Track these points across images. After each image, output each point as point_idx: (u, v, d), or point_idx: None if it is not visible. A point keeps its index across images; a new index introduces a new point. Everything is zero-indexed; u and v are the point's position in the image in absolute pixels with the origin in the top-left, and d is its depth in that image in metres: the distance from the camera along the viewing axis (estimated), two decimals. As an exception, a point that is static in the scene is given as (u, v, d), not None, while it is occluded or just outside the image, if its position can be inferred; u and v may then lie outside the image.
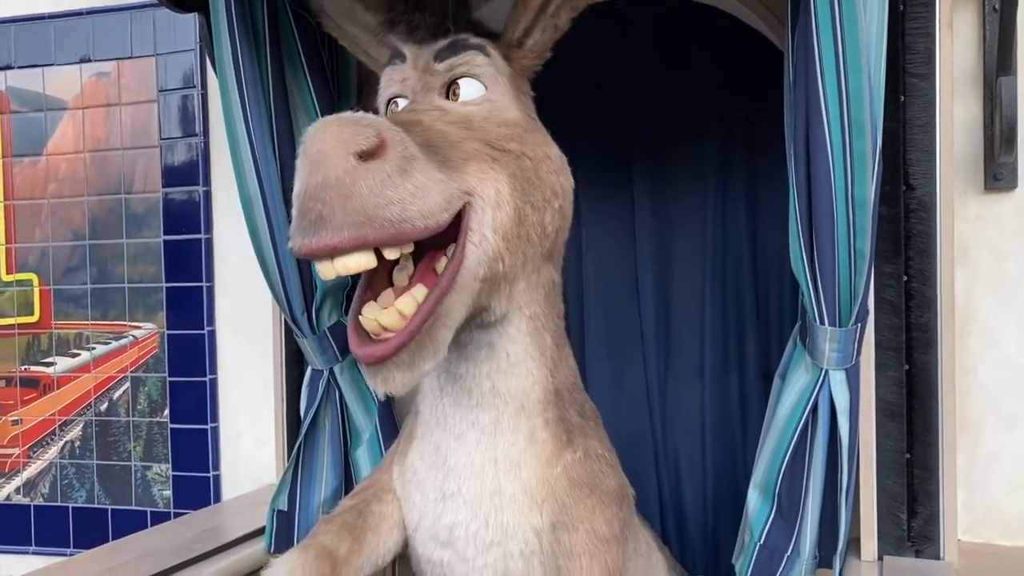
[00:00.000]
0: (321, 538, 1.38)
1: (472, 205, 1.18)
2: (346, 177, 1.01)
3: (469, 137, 1.23)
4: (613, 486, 1.40)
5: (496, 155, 1.23)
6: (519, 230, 1.24)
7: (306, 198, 1.03)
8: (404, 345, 1.10)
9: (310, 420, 1.79)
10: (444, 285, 1.14)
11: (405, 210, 1.05)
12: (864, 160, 1.28)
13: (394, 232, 1.05)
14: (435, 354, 1.14)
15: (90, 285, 2.43)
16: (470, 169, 1.18)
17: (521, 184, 1.24)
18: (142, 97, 2.36)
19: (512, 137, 1.27)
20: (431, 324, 1.13)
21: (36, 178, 2.47)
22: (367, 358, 1.11)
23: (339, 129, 1.03)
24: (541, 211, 1.27)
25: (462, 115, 1.28)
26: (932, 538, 1.49)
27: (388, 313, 1.13)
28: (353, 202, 1.02)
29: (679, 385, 2.09)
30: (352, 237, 1.03)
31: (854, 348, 1.41)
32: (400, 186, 1.05)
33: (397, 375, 1.11)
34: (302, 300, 1.76)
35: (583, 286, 2.13)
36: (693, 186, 2.06)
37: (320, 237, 1.03)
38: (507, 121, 1.30)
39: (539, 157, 1.29)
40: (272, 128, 1.69)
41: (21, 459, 2.49)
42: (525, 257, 1.27)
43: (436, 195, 1.09)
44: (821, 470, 1.46)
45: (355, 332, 1.15)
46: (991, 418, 1.62)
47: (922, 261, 1.48)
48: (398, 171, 1.05)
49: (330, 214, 1.02)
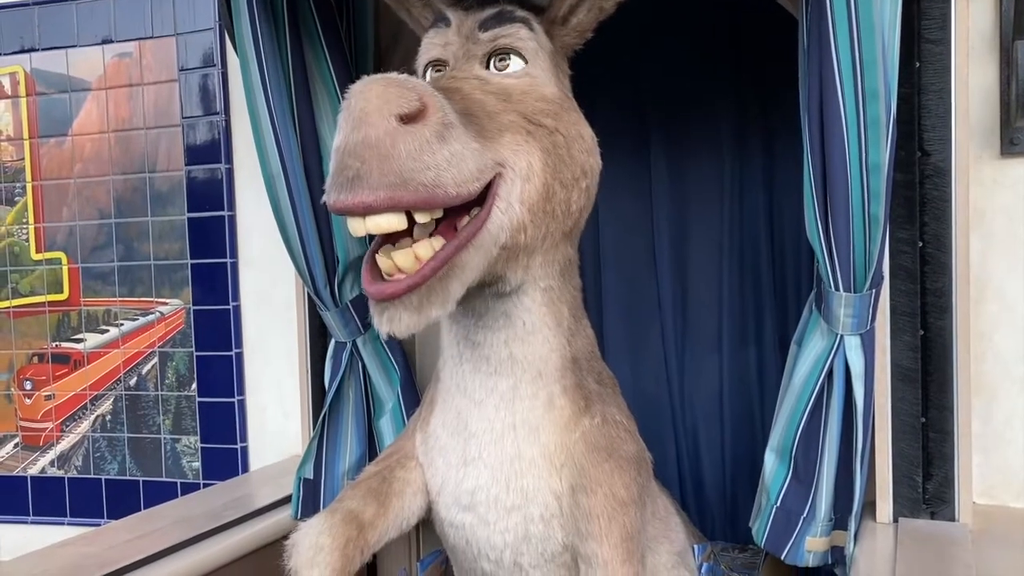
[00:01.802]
0: (347, 503, 1.42)
1: (503, 175, 1.19)
2: (386, 138, 1.03)
3: (506, 109, 1.24)
4: (631, 451, 1.43)
5: (531, 128, 1.24)
6: (546, 205, 1.25)
7: (345, 154, 1.05)
8: (415, 287, 1.11)
9: (334, 391, 1.83)
10: (463, 238, 1.16)
11: (440, 176, 1.07)
12: (878, 126, 1.29)
13: (427, 196, 1.07)
14: (444, 303, 1.15)
15: (117, 263, 2.47)
16: (504, 140, 1.20)
17: (553, 160, 1.25)
18: (163, 77, 2.40)
19: (548, 113, 1.28)
20: (444, 273, 1.14)
21: (62, 158, 2.51)
22: (377, 294, 1.12)
23: (384, 89, 1.04)
24: (569, 189, 1.29)
25: (501, 87, 1.29)
26: (947, 500, 1.51)
27: (404, 254, 1.14)
28: (391, 163, 1.03)
29: (697, 353, 2.10)
30: (387, 197, 1.04)
31: (869, 313, 1.42)
32: (437, 152, 1.06)
33: (404, 316, 1.12)
34: (325, 274, 1.80)
35: (601, 256, 2.14)
36: (709, 156, 2.06)
37: (355, 194, 1.05)
38: (545, 97, 1.31)
39: (572, 135, 1.30)
40: (292, 104, 1.71)
41: (55, 433, 2.56)
42: (547, 231, 1.28)
43: (471, 163, 1.11)
44: (837, 434, 1.48)
45: (368, 271, 1.16)
46: (1006, 382, 1.63)
47: (937, 227, 1.49)
48: (436, 137, 1.06)
49: (367, 173, 1.03)
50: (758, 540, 1.55)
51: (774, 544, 1.53)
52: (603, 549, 1.33)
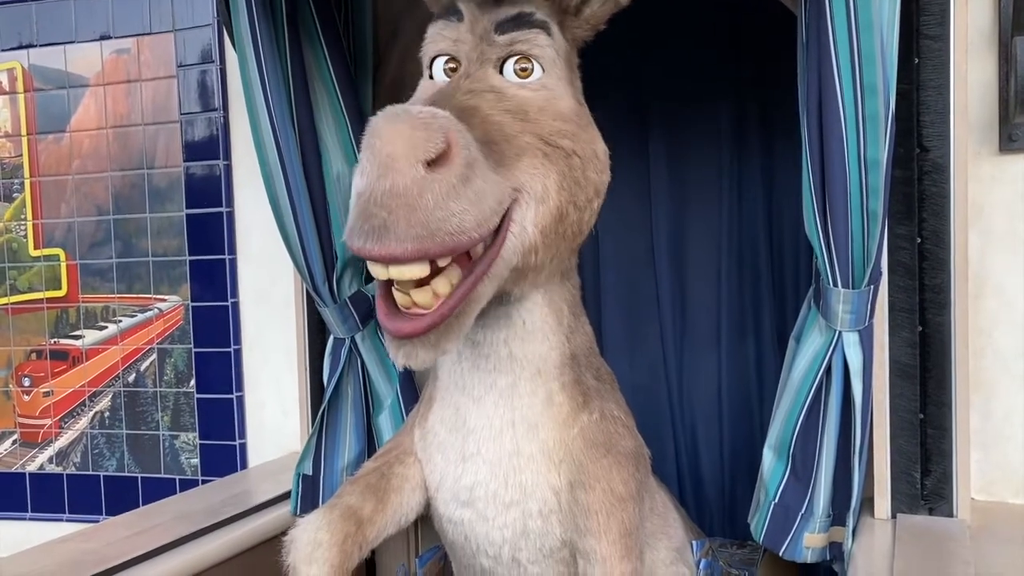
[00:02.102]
0: (346, 499, 1.42)
1: (519, 200, 1.19)
2: (414, 187, 1.00)
3: (524, 130, 1.21)
4: (629, 447, 1.43)
5: (548, 151, 1.22)
6: (558, 227, 1.24)
7: (371, 203, 1.02)
8: (435, 326, 1.11)
9: (333, 388, 1.83)
10: (479, 273, 1.15)
11: (463, 221, 1.05)
12: (876, 121, 1.29)
13: (453, 245, 1.06)
14: (459, 336, 1.16)
15: (115, 259, 2.47)
16: (522, 165, 1.18)
17: (569, 183, 1.24)
18: (161, 73, 2.39)
19: (566, 134, 1.25)
20: (462, 309, 1.14)
21: (60, 155, 2.51)
22: (396, 332, 1.12)
23: (412, 132, 1.01)
24: (582, 211, 1.28)
25: (518, 103, 1.25)
26: (945, 496, 1.51)
27: (423, 292, 1.13)
28: (419, 215, 1.01)
29: (695, 350, 2.10)
30: (415, 250, 1.03)
31: (867, 310, 1.42)
32: (463, 196, 1.05)
33: (421, 353, 1.13)
34: (323, 270, 1.79)
35: (599, 252, 2.14)
36: (708, 152, 2.06)
37: (383, 246, 1.03)
38: (562, 114, 1.28)
39: (588, 156, 1.28)
40: (291, 100, 1.71)
41: (53, 429, 2.56)
42: (557, 251, 1.28)
43: (490, 199, 1.10)
44: (835, 430, 1.48)
45: (384, 302, 1.15)
46: (1005, 378, 1.63)
47: (936, 223, 1.49)
48: (461, 179, 1.04)
49: (394, 224, 1.01)
50: (756, 536, 1.55)
51: (772, 540, 1.53)
52: (602, 545, 1.33)
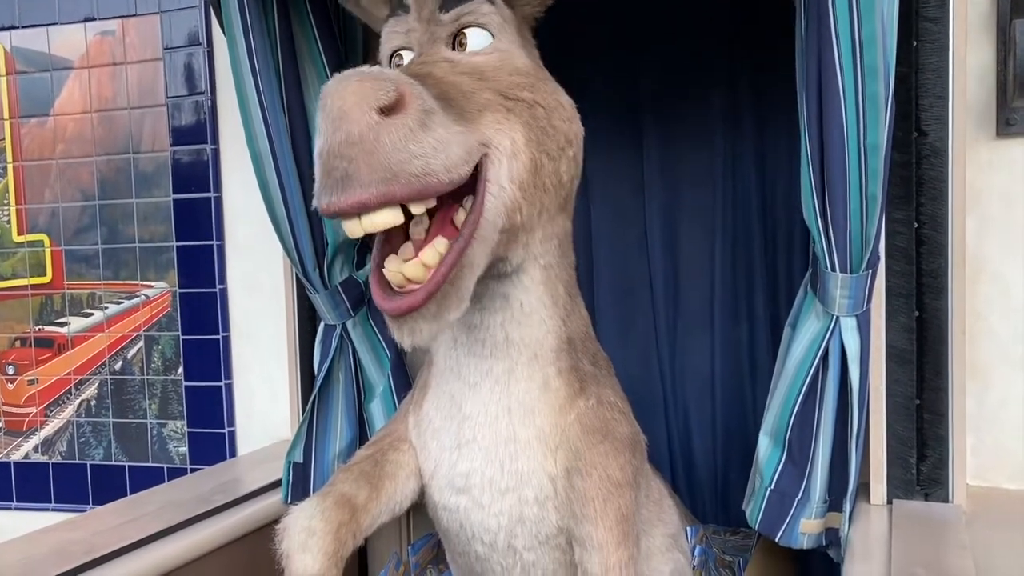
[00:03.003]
0: (339, 486, 1.41)
1: (489, 156, 1.18)
2: (369, 133, 1.01)
3: (482, 87, 1.22)
4: (626, 433, 1.42)
5: (510, 105, 1.22)
6: (535, 179, 1.24)
7: (330, 156, 1.02)
8: (431, 296, 1.10)
9: (324, 375, 1.81)
10: (466, 236, 1.15)
11: (429, 164, 1.04)
12: (877, 104, 1.28)
13: (420, 187, 1.05)
14: (460, 303, 1.15)
15: (101, 245, 2.44)
16: (485, 120, 1.18)
17: (536, 133, 1.24)
18: (147, 55, 2.35)
19: (524, 86, 1.26)
20: (455, 275, 1.13)
21: (44, 139, 2.47)
22: (394, 311, 1.11)
23: (359, 84, 1.02)
24: (556, 160, 1.27)
25: (472, 65, 1.27)
26: (941, 482, 1.51)
27: (412, 265, 1.13)
28: (378, 158, 1.01)
29: (688, 335, 2.09)
30: (380, 193, 1.02)
31: (865, 294, 1.42)
32: (422, 140, 1.04)
33: (424, 326, 1.12)
34: (314, 255, 1.77)
35: (592, 237, 2.12)
36: (702, 135, 2.04)
37: (348, 195, 1.02)
38: (518, 69, 1.29)
39: (551, 105, 1.29)
40: (280, 82, 1.69)
41: (38, 418, 2.52)
42: (542, 206, 1.27)
43: (457, 148, 1.09)
44: (831, 416, 1.47)
45: (379, 285, 1.15)
46: (1001, 364, 1.63)
47: (933, 207, 1.48)
48: (419, 125, 1.04)
49: (356, 171, 1.01)
50: (752, 522, 1.54)
51: (768, 526, 1.52)
52: (598, 531, 1.32)
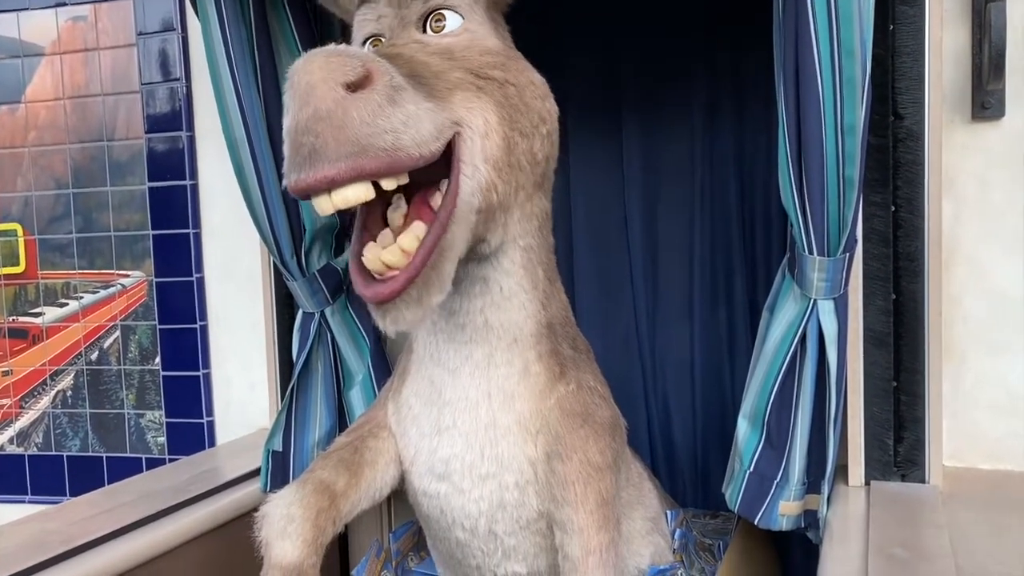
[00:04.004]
0: (318, 473, 1.40)
1: (461, 135, 1.17)
2: (337, 108, 1.00)
3: (452, 67, 1.21)
4: (606, 417, 1.42)
5: (481, 83, 1.22)
6: (509, 158, 1.23)
7: (298, 132, 1.02)
8: (412, 281, 1.10)
9: (302, 363, 1.80)
10: (443, 219, 1.14)
11: (399, 139, 1.04)
12: (854, 85, 1.28)
13: (390, 161, 1.04)
14: (441, 287, 1.15)
15: (75, 234, 2.41)
16: (456, 99, 1.17)
17: (508, 112, 1.23)
18: (121, 41, 2.32)
19: (495, 65, 1.26)
20: (435, 258, 1.13)
21: (15, 126, 2.43)
22: (375, 297, 1.11)
23: (326, 61, 1.02)
24: (530, 138, 1.27)
25: (443, 46, 1.26)
26: (918, 463, 1.52)
27: (391, 251, 1.13)
28: (347, 132, 1.00)
29: (667, 321, 2.10)
30: (349, 167, 1.01)
31: (842, 277, 1.42)
32: (391, 115, 1.03)
33: (406, 312, 1.11)
34: (291, 242, 1.76)
35: (572, 224, 2.12)
36: (681, 122, 2.04)
37: (316, 170, 1.02)
38: (488, 49, 1.28)
39: (523, 83, 1.28)
40: (255, 68, 1.67)
41: (13, 409, 2.49)
42: (517, 184, 1.26)
43: (427, 124, 1.08)
44: (809, 398, 1.48)
45: (359, 273, 1.15)
46: (976, 346, 1.64)
47: (910, 191, 1.48)
48: (388, 100, 1.04)
49: (323, 146, 1.01)
50: (731, 505, 1.55)
51: (747, 509, 1.53)
52: (579, 515, 1.32)
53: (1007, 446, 1.64)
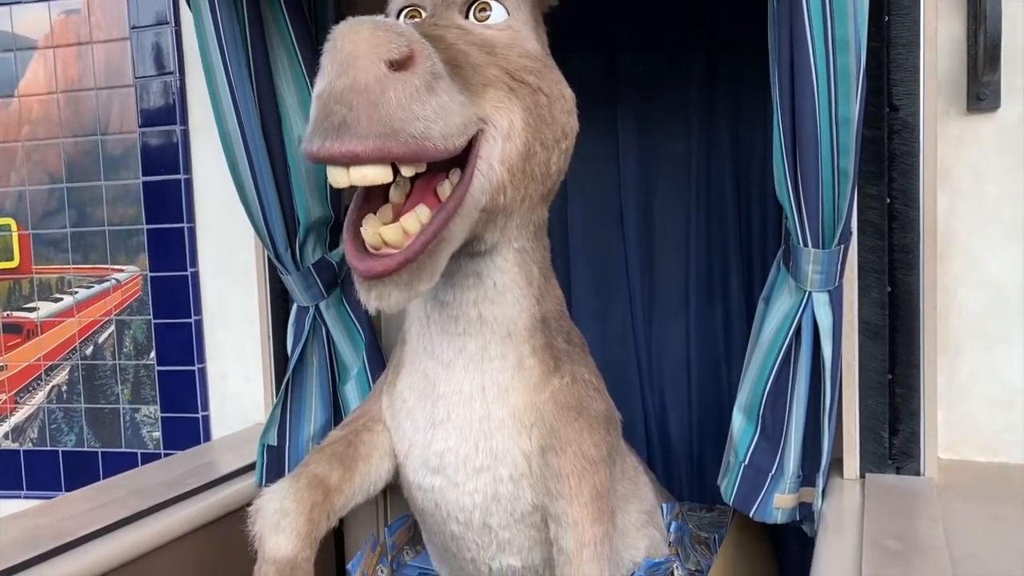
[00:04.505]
0: (312, 467, 1.40)
1: (484, 133, 1.16)
2: (376, 84, 0.99)
3: (490, 62, 1.20)
4: (600, 410, 1.42)
5: (514, 86, 1.20)
6: (525, 166, 1.22)
7: (331, 100, 1.00)
8: (407, 263, 1.09)
9: (297, 357, 1.79)
10: (450, 209, 1.13)
11: (429, 128, 1.03)
12: (848, 78, 1.28)
13: (417, 149, 1.03)
14: (432, 276, 1.14)
15: (70, 229, 2.40)
16: (488, 96, 1.16)
17: (535, 120, 1.22)
18: (114, 35, 2.31)
19: (531, 70, 1.24)
20: (433, 247, 1.12)
21: (8, 120, 2.42)
22: (367, 272, 1.09)
23: (372, 33, 0.99)
24: (549, 150, 1.26)
25: (484, 39, 1.24)
26: (913, 455, 1.52)
27: (392, 229, 1.11)
28: (381, 111, 0.99)
29: (663, 314, 2.09)
30: (376, 148, 1.00)
31: (837, 270, 1.42)
32: (427, 103, 1.02)
33: (394, 293, 1.10)
34: (285, 236, 1.75)
35: (568, 218, 2.11)
36: (677, 117, 2.03)
37: (343, 143, 1.00)
38: (528, 52, 1.27)
39: (555, 95, 1.27)
40: (249, 59, 1.66)
41: (8, 405, 2.49)
42: (526, 193, 1.25)
43: (457, 117, 1.08)
44: (804, 391, 1.48)
45: (353, 244, 1.13)
46: (971, 338, 1.64)
47: (905, 182, 1.48)
48: (426, 86, 1.02)
49: (355, 120, 0.99)
50: (726, 498, 1.55)
51: (742, 502, 1.53)
52: (573, 508, 1.32)
53: (1002, 439, 1.64)
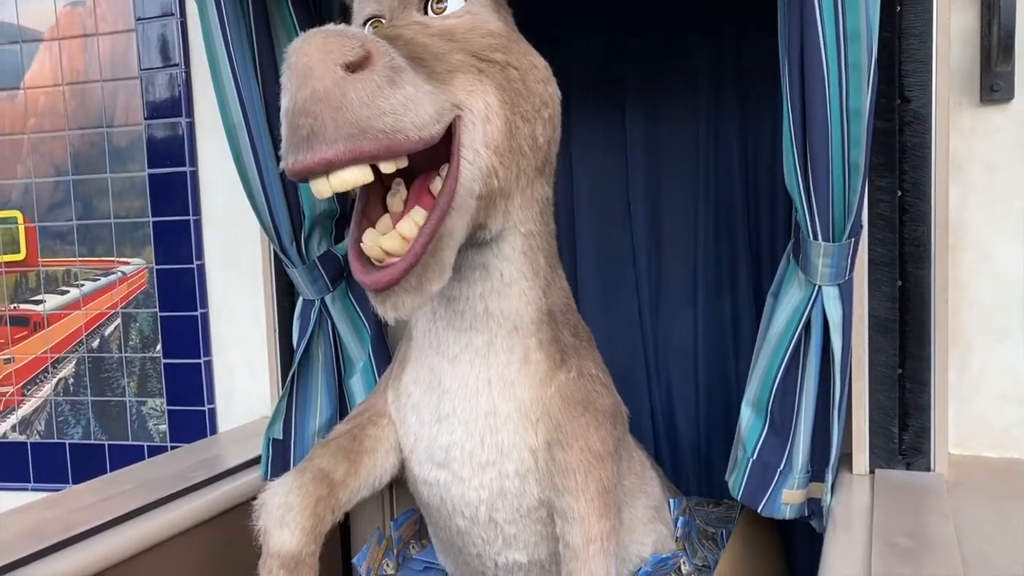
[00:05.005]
0: (317, 461, 1.39)
1: (462, 119, 1.15)
2: (336, 89, 0.98)
3: (453, 49, 1.19)
4: (607, 404, 1.41)
5: (482, 66, 1.20)
6: (511, 143, 1.21)
7: (296, 114, 1.00)
8: (411, 268, 1.09)
9: (303, 350, 1.79)
10: (443, 205, 1.13)
11: (398, 120, 1.02)
12: (859, 69, 1.26)
13: (389, 143, 1.02)
14: (441, 275, 1.13)
15: (76, 221, 2.40)
16: (457, 82, 1.15)
17: (509, 95, 1.21)
18: (119, 26, 2.30)
19: (497, 47, 1.24)
20: (435, 245, 1.11)
21: (15, 113, 2.42)
22: (374, 285, 1.09)
23: (324, 41, 0.99)
24: (531, 122, 1.25)
25: (444, 28, 1.24)
26: (923, 451, 1.50)
27: (390, 238, 1.11)
28: (345, 113, 0.99)
29: (671, 307, 2.08)
30: (347, 149, 1.00)
31: (847, 263, 1.40)
32: (391, 96, 1.02)
33: (407, 299, 1.10)
34: (290, 229, 1.74)
35: (575, 209, 2.10)
36: (685, 105, 2.01)
37: (314, 152, 1.00)
38: (490, 32, 1.26)
39: (525, 66, 1.26)
40: (253, 50, 1.65)
41: (15, 397, 2.49)
42: (519, 170, 1.24)
43: (427, 106, 1.07)
44: (814, 386, 1.46)
45: (357, 260, 1.14)
46: (982, 333, 1.62)
47: (917, 175, 1.46)
48: (387, 81, 1.02)
49: (322, 128, 0.99)
50: (734, 493, 1.54)
51: (750, 497, 1.52)
52: (579, 503, 1.31)
53: (1014, 434, 1.62)
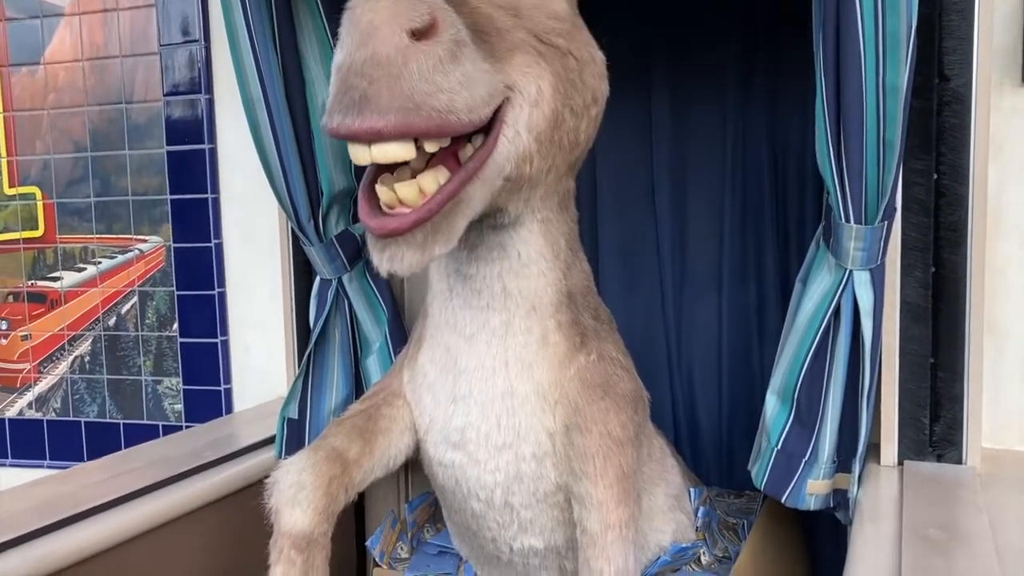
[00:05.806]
0: (331, 440, 1.37)
1: (511, 100, 1.11)
2: (398, 56, 0.94)
3: (516, 26, 1.14)
4: (628, 389, 1.37)
5: (542, 49, 1.15)
6: (553, 134, 1.17)
7: (351, 73, 0.95)
8: (421, 222, 1.04)
9: (319, 330, 1.77)
10: (470, 170, 1.08)
11: (452, 100, 0.98)
12: (897, 42, 1.21)
13: (440, 123, 0.98)
14: (448, 240, 1.08)
15: (94, 198, 2.39)
16: (515, 61, 1.11)
17: (564, 85, 1.17)
18: (139, 2, 2.28)
19: (560, 32, 1.18)
20: (451, 207, 1.07)
21: (35, 88, 2.41)
22: (379, 230, 1.04)
23: (394, 2, 0.95)
24: (579, 117, 1.20)
25: (509, 1, 1.17)
26: (955, 443, 1.46)
27: (408, 186, 1.06)
28: (403, 84, 0.94)
29: (695, 293, 2.04)
30: (399, 122, 0.95)
31: (880, 247, 1.36)
32: (450, 73, 0.97)
33: (407, 254, 1.05)
34: (308, 206, 1.72)
35: (597, 191, 2.06)
36: (712, 89, 1.97)
37: (364, 119, 0.95)
38: (556, 14, 1.21)
39: (585, 58, 1.21)
40: (273, 26, 1.62)
41: (32, 374, 2.49)
42: (553, 163, 1.20)
43: (481, 88, 1.02)
44: (842, 373, 1.42)
45: (367, 202, 1.08)
46: (1019, 322, 1.56)
47: (955, 157, 1.41)
48: (449, 56, 0.97)
49: (376, 94, 0.94)
50: (757, 483, 1.50)
51: (774, 487, 1.48)
52: (598, 489, 1.27)
53: (1050, 428, 1.57)
